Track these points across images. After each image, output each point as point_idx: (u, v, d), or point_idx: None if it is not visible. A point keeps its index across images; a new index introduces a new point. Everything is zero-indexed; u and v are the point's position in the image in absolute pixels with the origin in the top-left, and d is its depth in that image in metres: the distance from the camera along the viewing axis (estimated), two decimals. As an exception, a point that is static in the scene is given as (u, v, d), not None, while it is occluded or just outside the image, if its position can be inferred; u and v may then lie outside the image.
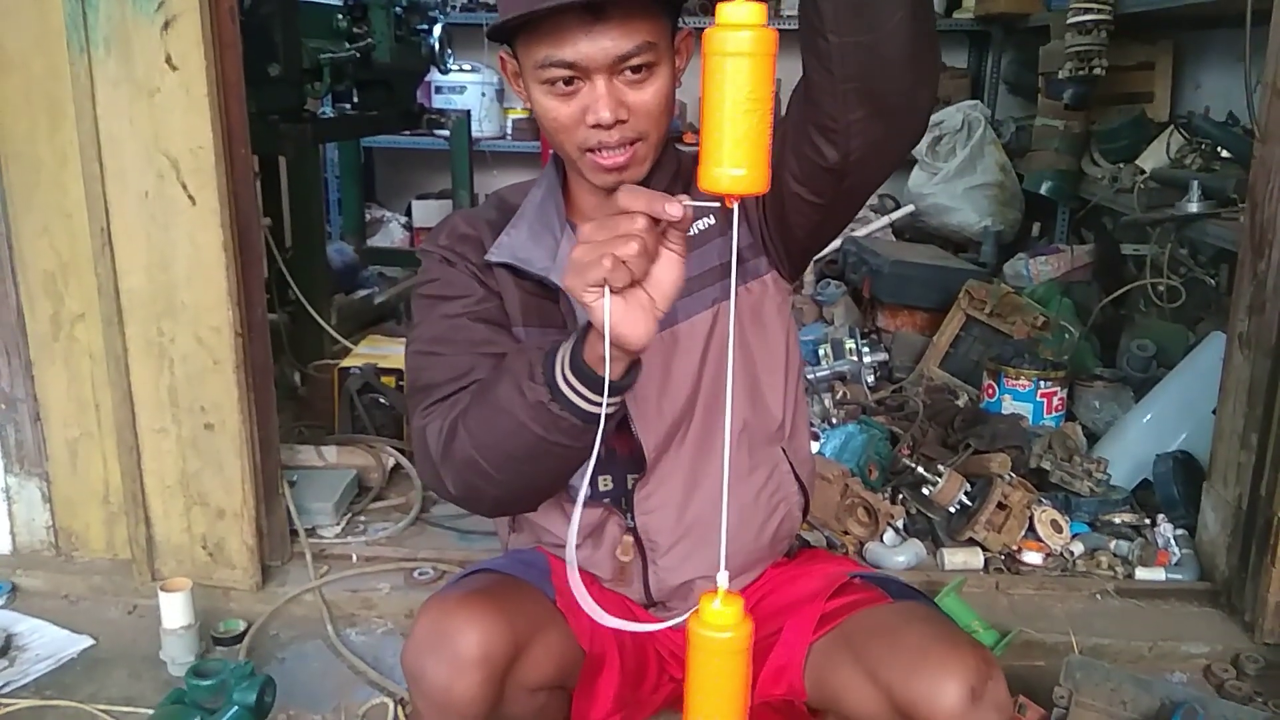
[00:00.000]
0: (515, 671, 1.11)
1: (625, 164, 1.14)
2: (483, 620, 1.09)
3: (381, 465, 2.47)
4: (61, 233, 1.93)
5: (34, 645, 1.90)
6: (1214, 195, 2.55)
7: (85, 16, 1.79)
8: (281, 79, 2.79)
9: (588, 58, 1.07)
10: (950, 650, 1.06)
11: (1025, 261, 3.56)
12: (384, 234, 4.90)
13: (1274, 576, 1.84)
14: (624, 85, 1.10)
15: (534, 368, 1.02)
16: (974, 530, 2.11)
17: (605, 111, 1.09)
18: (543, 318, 1.22)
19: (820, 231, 1.20)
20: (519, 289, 1.23)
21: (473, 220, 1.28)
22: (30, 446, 2.06)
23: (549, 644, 1.17)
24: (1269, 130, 1.86)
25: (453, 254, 1.24)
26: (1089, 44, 3.10)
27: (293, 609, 2.01)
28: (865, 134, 1.02)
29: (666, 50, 1.12)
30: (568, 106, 1.11)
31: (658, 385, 1.21)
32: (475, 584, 1.19)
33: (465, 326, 1.19)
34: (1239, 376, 1.95)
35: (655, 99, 1.12)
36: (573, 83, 1.09)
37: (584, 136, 1.12)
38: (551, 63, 1.08)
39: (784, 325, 1.28)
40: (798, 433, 1.33)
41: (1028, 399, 2.62)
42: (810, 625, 1.19)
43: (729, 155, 0.78)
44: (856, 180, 1.09)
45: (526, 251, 1.22)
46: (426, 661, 1.09)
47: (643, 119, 1.12)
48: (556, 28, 1.06)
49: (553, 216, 1.24)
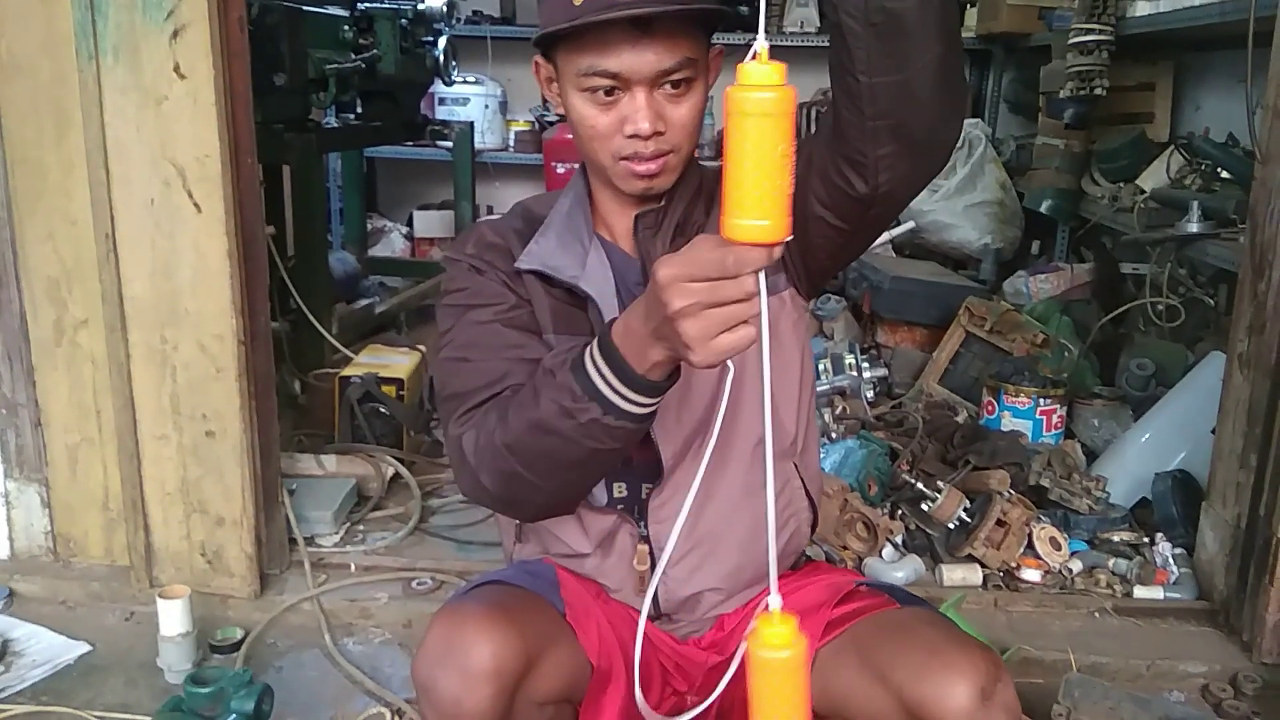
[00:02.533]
0: (526, 685, 1.11)
1: (657, 172, 1.16)
2: (495, 633, 1.08)
3: (381, 475, 2.47)
4: (66, 239, 1.93)
5: (31, 651, 1.89)
6: (1214, 216, 2.56)
7: (95, 24, 1.80)
8: (287, 88, 2.80)
9: (632, 70, 1.09)
10: (960, 651, 1.07)
11: (1025, 279, 3.57)
12: (385, 244, 4.91)
13: (1272, 596, 1.85)
14: (663, 98, 1.12)
15: (573, 388, 1.02)
16: (973, 547, 2.11)
17: (645, 123, 1.11)
18: (572, 326, 1.23)
19: (841, 254, 1.22)
20: (549, 296, 1.24)
21: (500, 230, 1.28)
22: (30, 452, 2.06)
23: (559, 658, 1.16)
24: (1270, 152, 1.87)
25: (481, 262, 1.25)
26: (1090, 64, 3.12)
27: (290, 618, 2.00)
28: (894, 169, 1.05)
29: (704, 67, 1.15)
30: (606, 116, 1.13)
31: (679, 394, 1.21)
32: (487, 596, 1.19)
33: (497, 332, 1.20)
34: (1238, 396, 1.96)
35: (691, 114, 1.15)
36: (613, 93, 1.12)
37: (619, 145, 1.14)
38: (595, 72, 1.10)
39: (799, 342, 1.29)
40: (809, 449, 1.34)
41: (1027, 416, 2.63)
42: (818, 632, 1.20)
43: (752, 208, 0.80)
44: (882, 210, 1.11)
45: (555, 259, 1.23)
46: (438, 673, 1.09)
47: (678, 132, 1.15)
48: (603, 38, 1.08)
49: (581, 226, 1.26)
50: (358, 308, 3.69)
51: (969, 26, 4.41)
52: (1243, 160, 2.64)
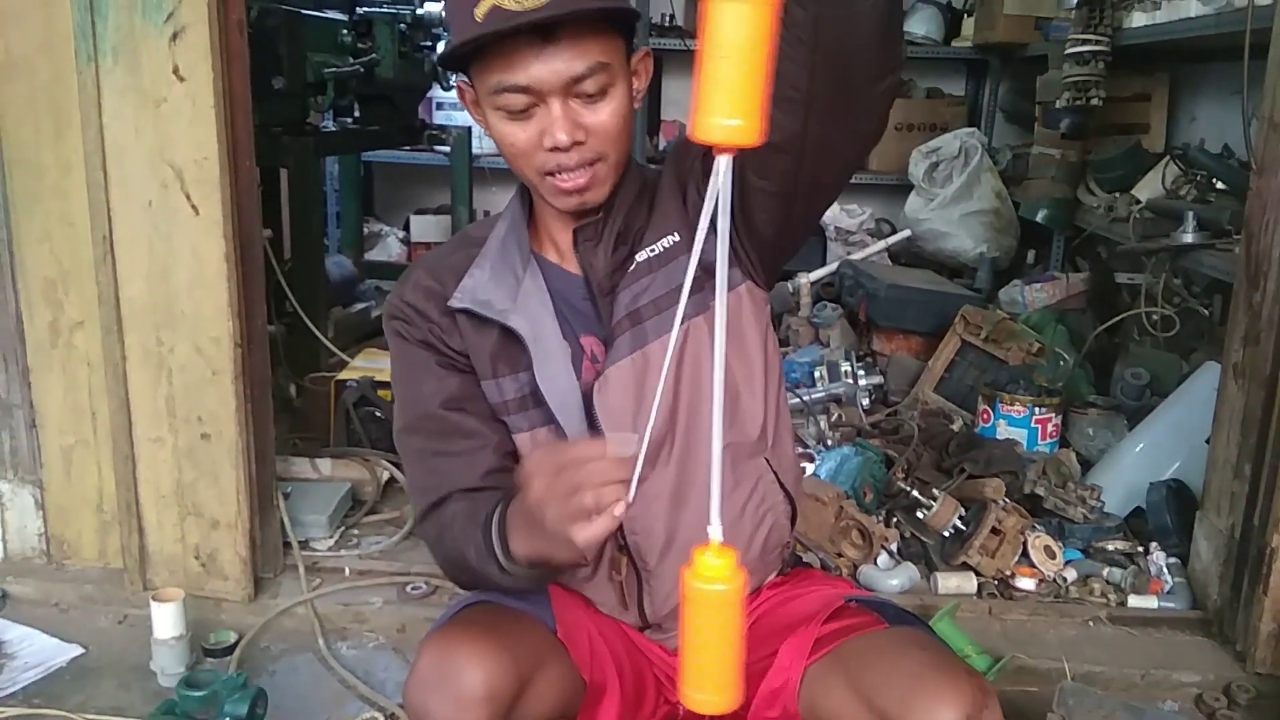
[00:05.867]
0: (519, 707, 1.10)
1: (586, 185, 1.14)
2: (486, 657, 1.08)
3: (376, 479, 2.47)
4: (63, 240, 1.93)
5: (23, 653, 1.89)
6: (1209, 226, 2.57)
7: (94, 25, 1.80)
8: (285, 92, 2.80)
9: (540, 80, 1.07)
10: (946, 678, 1.06)
11: (1020, 288, 3.58)
12: (382, 248, 4.91)
13: (1266, 606, 1.85)
14: (580, 106, 1.10)
15: (479, 544, 1.13)
16: (968, 555, 2.12)
17: (562, 134, 1.08)
18: (510, 363, 1.22)
19: (786, 229, 1.19)
20: (482, 336, 1.22)
21: (435, 270, 1.26)
22: (25, 453, 2.06)
23: (551, 677, 1.16)
24: (1265, 163, 1.88)
25: (415, 312, 1.25)
26: (1086, 74, 3.13)
27: (284, 621, 2.00)
28: (824, 110, 1.02)
29: (622, 69, 1.12)
30: (525, 131, 1.11)
31: (632, 408, 1.19)
32: (476, 617, 1.18)
33: (436, 418, 1.24)
34: (1233, 406, 1.97)
35: (612, 119, 1.11)
36: (529, 108, 1.09)
37: (542, 160, 1.12)
38: (505, 88, 1.08)
39: (761, 335, 1.27)
40: (780, 441, 1.31)
41: (1022, 425, 2.63)
42: (805, 648, 1.19)
43: (725, 104, 0.74)
44: (812, 166, 1.08)
45: (487, 293, 1.21)
46: (430, 700, 1.08)
47: (601, 139, 1.12)
48: (507, 52, 1.06)
49: (514, 253, 1.24)
50: (354, 312, 3.69)
51: (965, 36, 4.44)
52: (1238, 171, 2.66)
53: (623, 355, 1.19)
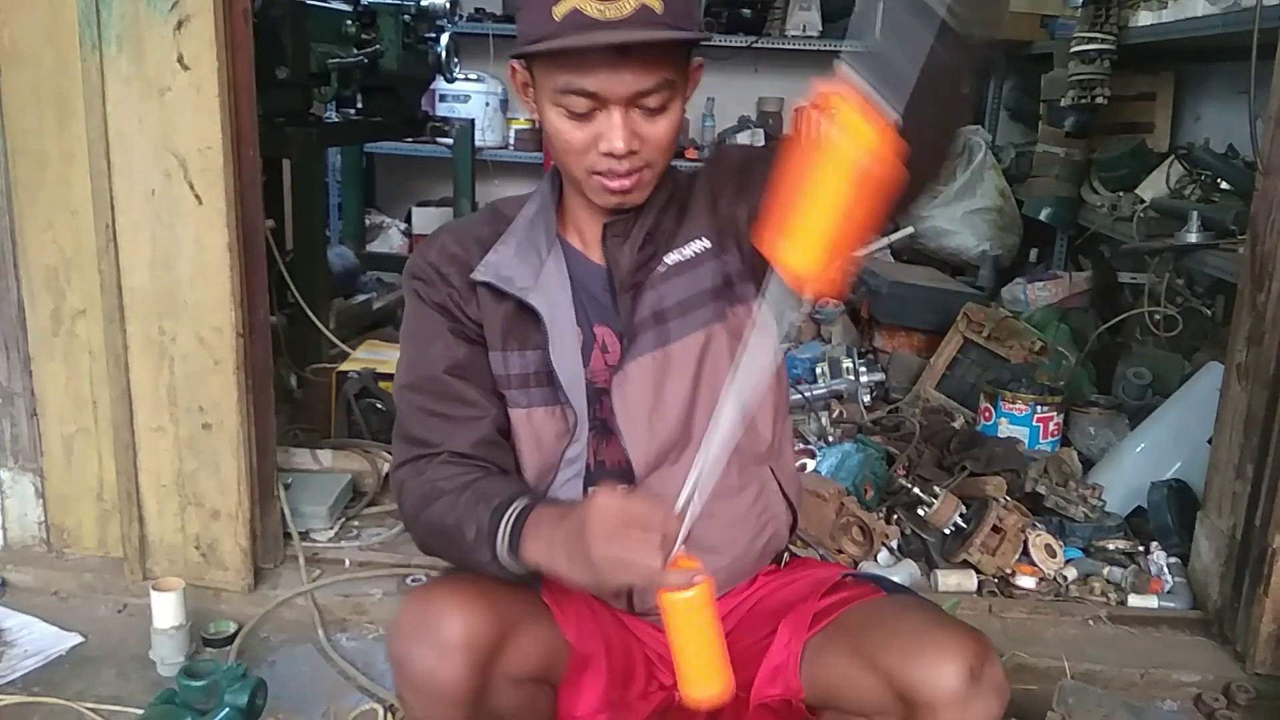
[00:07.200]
0: (500, 660, 1.11)
1: (631, 188, 1.16)
2: (467, 606, 1.09)
3: (376, 470, 2.47)
4: (66, 228, 1.93)
5: (22, 641, 1.89)
6: (1213, 226, 2.57)
7: (99, 13, 1.79)
8: (289, 82, 2.79)
9: (609, 90, 1.09)
10: (948, 633, 1.08)
11: (1023, 286, 3.58)
12: (383, 240, 4.91)
13: (1266, 606, 1.85)
14: (639, 117, 1.12)
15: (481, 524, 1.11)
16: (968, 553, 2.12)
17: (619, 143, 1.11)
18: (520, 339, 1.23)
19: None
20: (500, 308, 1.24)
21: (462, 238, 1.28)
22: (26, 441, 2.05)
23: (534, 634, 1.17)
24: (1271, 163, 1.88)
25: (437, 275, 1.25)
26: (1091, 73, 3.13)
27: (284, 612, 2.00)
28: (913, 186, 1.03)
29: (682, 85, 1.15)
30: (581, 131, 1.13)
31: (649, 404, 1.22)
32: (460, 575, 1.19)
33: (439, 381, 1.23)
34: (1236, 407, 1.96)
35: (667, 132, 1.15)
36: (589, 110, 1.11)
37: (593, 161, 1.14)
38: (572, 90, 1.10)
39: (772, 342, 1.28)
40: (784, 452, 1.34)
41: (1024, 423, 2.63)
42: (805, 623, 1.20)
43: (807, 250, 0.90)
44: None
45: (510, 269, 1.22)
46: (411, 648, 1.10)
47: (653, 150, 1.15)
48: (581, 58, 1.08)
49: (540, 234, 1.25)
50: (355, 303, 3.68)
51: (970, 33, 4.42)
52: (1242, 171, 2.65)
53: (645, 351, 1.21)
